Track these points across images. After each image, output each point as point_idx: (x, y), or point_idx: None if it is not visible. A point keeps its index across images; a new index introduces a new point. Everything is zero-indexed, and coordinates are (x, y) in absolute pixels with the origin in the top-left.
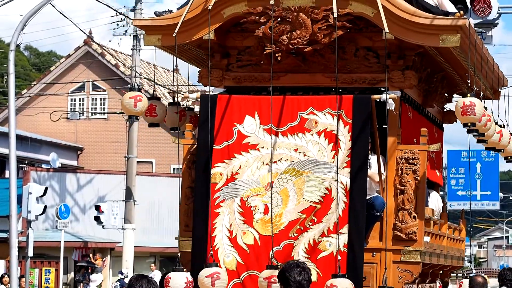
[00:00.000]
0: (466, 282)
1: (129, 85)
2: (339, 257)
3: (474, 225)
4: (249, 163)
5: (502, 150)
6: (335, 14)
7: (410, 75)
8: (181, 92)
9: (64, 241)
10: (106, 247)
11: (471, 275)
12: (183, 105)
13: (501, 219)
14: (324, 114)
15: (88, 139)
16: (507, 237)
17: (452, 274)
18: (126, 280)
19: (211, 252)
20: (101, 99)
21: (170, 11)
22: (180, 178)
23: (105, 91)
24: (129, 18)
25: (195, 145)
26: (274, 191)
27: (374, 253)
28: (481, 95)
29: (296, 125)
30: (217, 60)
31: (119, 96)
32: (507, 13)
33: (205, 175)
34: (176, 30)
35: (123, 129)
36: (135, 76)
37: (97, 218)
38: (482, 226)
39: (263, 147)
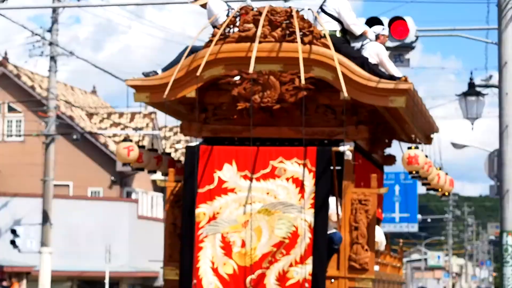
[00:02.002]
0: None
1: (45, 107)
2: (306, 285)
3: (393, 247)
4: (228, 204)
5: (439, 190)
6: (303, 81)
7: (362, 129)
8: (99, 114)
9: None
10: (23, 271)
11: None
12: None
13: (420, 241)
14: (292, 163)
15: (4, 162)
16: (425, 259)
17: None
18: None
19: (194, 281)
20: (17, 121)
21: (156, 72)
22: (136, 203)
23: (21, 113)
24: (45, 39)
25: (177, 187)
26: (249, 228)
27: (333, 280)
28: (417, 141)
29: (268, 172)
30: (196, 115)
31: (35, 118)
32: (425, 36)
33: (190, 215)
34: (166, 92)
35: (39, 151)
36: (51, 98)
37: (13, 242)
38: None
39: (240, 190)
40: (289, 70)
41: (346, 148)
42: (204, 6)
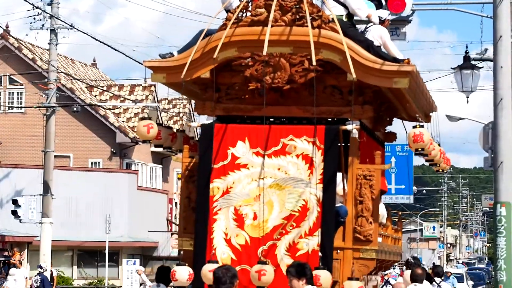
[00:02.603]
0: (407, 272)
1: (46, 79)
2: (320, 254)
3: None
4: (241, 179)
5: (438, 165)
6: (314, 62)
7: (368, 109)
8: (99, 86)
9: None
10: (24, 241)
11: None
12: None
13: (415, 212)
14: (302, 140)
15: (5, 133)
16: (420, 230)
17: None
18: (46, 274)
19: (213, 251)
20: (18, 93)
21: (172, 54)
22: (135, 175)
23: (22, 85)
24: (45, 12)
25: (192, 163)
26: (261, 202)
27: (338, 251)
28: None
29: (279, 149)
30: (210, 94)
31: (36, 90)
32: (421, 10)
33: (205, 189)
34: (184, 73)
35: (40, 123)
36: (52, 70)
37: (14, 212)
38: (396, 219)
39: (252, 166)
40: (298, 53)
41: (353, 127)
42: None
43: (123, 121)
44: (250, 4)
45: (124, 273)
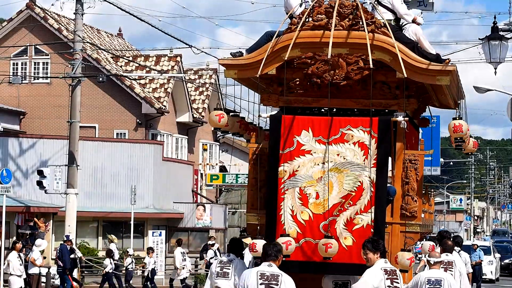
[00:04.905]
0: (426, 243)
1: (72, 49)
2: (369, 229)
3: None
4: (305, 163)
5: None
6: (371, 65)
7: (413, 101)
8: (125, 57)
9: (6, 206)
10: (49, 212)
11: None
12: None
13: (442, 184)
14: (358, 130)
15: (31, 104)
16: (447, 202)
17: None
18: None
19: (284, 226)
20: (43, 63)
21: (241, 53)
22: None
23: (48, 55)
24: None
25: (259, 148)
26: (323, 183)
27: (387, 225)
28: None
29: (338, 138)
30: (274, 88)
31: (61, 60)
32: None
33: (274, 172)
34: (259, 72)
35: (65, 93)
36: (77, 40)
37: (39, 183)
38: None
39: (314, 152)
40: (354, 53)
41: (402, 118)
42: None
43: (149, 92)
44: (312, 11)
45: (150, 244)
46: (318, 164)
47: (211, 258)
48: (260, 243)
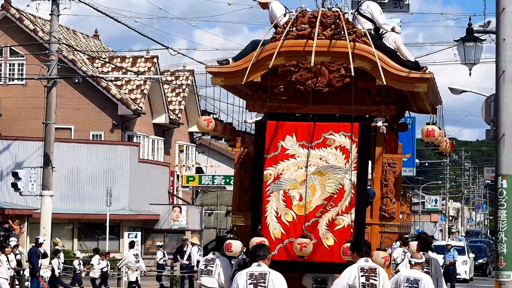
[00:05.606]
0: (413, 243)
1: (47, 51)
2: (351, 230)
3: None
4: (289, 167)
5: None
6: (352, 73)
7: (392, 108)
8: (101, 58)
9: None
10: (24, 214)
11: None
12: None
13: (418, 185)
14: (340, 135)
15: (6, 105)
16: (422, 203)
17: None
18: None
19: (259, 227)
20: (19, 64)
21: (228, 61)
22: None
23: (23, 56)
24: None
25: (244, 152)
26: (305, 186)
27: (366, 226)
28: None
29: (321, 142)
30: (259, 95)
31: (37, 61)
32: None
33: (260, 175)
34: (244, 79)
35: (41, 95)
36: (53, 41)
37: (14, 185)
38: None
39: (298, 156)
40: (335, 61)
41: (382, 124)
42: (263, 5)
43: (125, 93)
44: (296, 21)
45: (125, 246)
46: (301, 168)
47: (161, 259)
48: (235, 244)
